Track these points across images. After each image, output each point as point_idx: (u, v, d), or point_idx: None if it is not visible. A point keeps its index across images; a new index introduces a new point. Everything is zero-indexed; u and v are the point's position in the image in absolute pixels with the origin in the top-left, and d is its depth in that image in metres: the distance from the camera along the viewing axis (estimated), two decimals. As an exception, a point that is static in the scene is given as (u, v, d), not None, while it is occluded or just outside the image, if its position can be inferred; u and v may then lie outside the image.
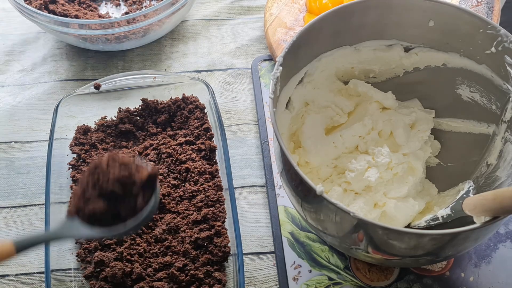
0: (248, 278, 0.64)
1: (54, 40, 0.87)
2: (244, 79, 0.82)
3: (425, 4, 0.59)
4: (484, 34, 0.57)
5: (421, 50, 0.64)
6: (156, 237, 0.64)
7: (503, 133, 0.60)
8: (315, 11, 0.82)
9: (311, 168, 0.65)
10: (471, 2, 0.80)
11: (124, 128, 0.73)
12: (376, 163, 0.62)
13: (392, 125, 0.66)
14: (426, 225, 0.60)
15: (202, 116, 0.73)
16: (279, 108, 0.60)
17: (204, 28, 0.89)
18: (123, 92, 0.74)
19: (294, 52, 0.57)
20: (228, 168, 0.66)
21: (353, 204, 0.61)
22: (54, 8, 0.81)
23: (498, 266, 0.63)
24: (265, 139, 0.74)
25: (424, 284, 0.62)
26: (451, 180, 0.65)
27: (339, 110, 0.67)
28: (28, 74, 0.83)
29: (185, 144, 0.71)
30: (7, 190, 0.72)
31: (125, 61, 0.84)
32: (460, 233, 0.47)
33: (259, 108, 0.77)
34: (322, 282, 0.63)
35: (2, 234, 0.68)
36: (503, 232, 0.65)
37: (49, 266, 0.59)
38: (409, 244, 0.49)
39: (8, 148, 0.75)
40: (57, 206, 0.65)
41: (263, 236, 0.67)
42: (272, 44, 0.81)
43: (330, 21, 0.60)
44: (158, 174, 0.65)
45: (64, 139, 0.71)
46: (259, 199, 0.70)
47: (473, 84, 0.63)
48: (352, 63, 0.66)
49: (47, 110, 0.79)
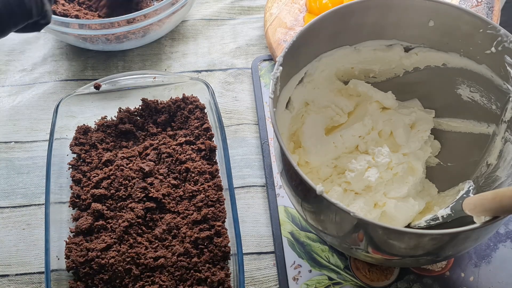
0: (248, 278, 0.64)
1: (54, 40, 0.87)
2: (244, 79, 0.82)
3: (425, 4, 0.59)
4: (484, 34, 0.57)
5: (421, 50, 0.64)
6: (156, 237, 0.64)
7: (503, 133, 0.60)
8: (315, 11, 0.82)
9: (311, 168, 0.65)
10: (471, 2, 0.80)
11: (124, 128, 0.73)
12: (376, 163, 0.62)
13: (392, 125, 0.66)
14: (426, 225, 0.60)
15: (202, 116, 0.73)
16: (279, 108, 0.60)
17: (204, 28, 0.89)
18: (123, 92, 0.74)
19: (294, 52, 0.57)
20: (228, 168, 0.66)
21: (353, 204, 0.61)
22: (54, 8, 0.81)
23: (498, 266, 0.63)
24: (265, 139, 0.74)
25: (424, 284, 0.62)
26: (451, 180, 0.65)
27: (339, 110, 0.67)
28: (28, 74, 0.83)
29: (185, 144, 0.71)
30: (7, 190, 0.72)
31: (125, 61, 0.84)
32: (460, 233, 0.47)
33: (259, 108, 0.77)
34: (322, 282, 0.63)
35: (2, 234, 0.68)
36: (503, 232, 0.65)
37: (49, 266, 0.59)
38: (409, 244, 0.49)
39: (8, 148, 0.75)
40: (57, 206, 0.65)
41: (263, 236, 0.67)
42: (272, 44, 0.81)
43: (330, 21, 0.60)
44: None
45: (64, 139, 0.71)
46: (259, 199, 0.70)
47: (473, 84, 0.63)
48: (352, 63, 0.66)
49: (47, 110, 0.79)
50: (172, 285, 0.61)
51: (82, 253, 0.62)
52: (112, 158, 0.70)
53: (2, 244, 0.67)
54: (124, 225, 0.63)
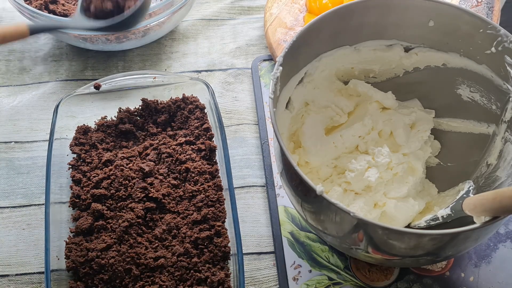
0: (248, 278, 0.64)
1: (54, 40, 0.87)
2: (244, 79, 0.82)
3: (425, 4, 0.59)
4: (484, 34, 0.57)
5: (421, 50, 0.64)
6: (156, 237, 0.64)
7: (503, 133, 0.60)
8: (315, 11, 0.82)
9: (311, 168, 0.65)
10: (471, 2, 0.80)
11: (124, 128, 0.73)
12: (376, 163, 0.62)
13: (392, 125, 0.66)
14: (426, 225, 0.60)
15: (202, 116, 0.73)
16: (279, 108, 0.60)
17: (204, 28, 0.89)
18: (123, 92, 0.74)
19: (294, 52, 0.57)
20: (228, 168, 0.66)
21: (353, 204, 0.61)
22: (54, 8, 0.81)
23: (498, 266, 0.63)
24: (265, 139, 0.74)
25: (424, 284, 0.62)
26: (451, 180, 0.65)
27: (339, 110, 0.67)
28: (28, 74, 0.83)
29: (185, 144, 0.71)
30: (7, 190, 0.72)
31: (125, 61, 0.84)
32: (460, 233, 0.47)
33: (259, 108, 0.77)
34: (322, 282, 0.63)
35: (2, 234, 0.68)
36: (503, 232, 0.65)
37: (49, 266, 0.59)
38: (409, 244, 0.49)
39: (8, 148, 0.75)
40: (57, 206, 0.65)
41: (263, 236, 0.67)
42: (272, 44, 0.81)
43: (330, 21, 0.60)
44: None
45: (64, 139, 0.71)
46: (259, 199, 0.70)
47: (473, 84, 0.63)
48: (352, 63, 0.66)
49: (47, 110, 0.79)
50: (172, 285, 0.61)
51: (82, 253, 0.62)
52: (112, 158, 0.70)
53: (2, 244, 0.67)
54: (124, 225, 0.63)
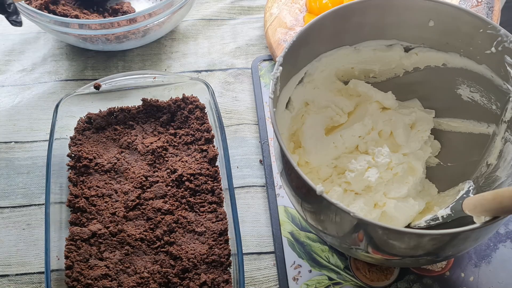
0: (248, 278, 0.64)
1: (54, 40, 0.87)
2: (244, 79, 0.82)
3: (425, 4, 0.59)
4: (484, 34, 0.57)
5: (421, 50, 0.64)
6: (156, 237, 0.64)
7: (503, 133, 0.60)
8: (315, 11, 0.82)
9: (311, 168, 0.65)
10: (471, 2, 0.80)
11: (124, 128, 0.73)
12: (376, 163, 0.62)
13: (392, 125, 0.66)
14: (426, 225, 0.60)
15: (202, 116, 0.73)
16: (279, 108, 0.60)
17: (204, 28, 0.89)
18: (123, 92, 0.74)
19: (294, 52, 0.57)
20: (228, 168, 0.66)
21: (353, 204, 0.61)
22: (54, 8, 0.81)
23: (498, 266, 0.63)
24: (265, 139, 0.74)
25: (424, 284, 0.63)
26: (451, 180, 0.65)
27: (339, 110, 0.67)
28: (28, 74, 0.83)
29: (185, 144, 0.71)
30: (7, 190, 0.72)
31: (125, 61, 0.84)
32: (460, 233, 0.47)
33: (259, 108, 0.77)
34: (322, 282, 0.63)
35: (2, 234, 0.68)
36: (503, 232, 0.65)
37: (49, 266, 0.59)
38: (409, 244, 0.49)
39: (8, 148, 0.75)
40: (57, 206, 0.65)
41: (263, 236, 0.67)
42: (272, 44, 0.81)
43: (330, 21, 0.60)
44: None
45: (64, 139, 0.71)
46: (259, 199, 0.70)
47: (473, 84, 0.63)
48: (352, 63, 0.66)
49: (47, 110, 0.79)
50: (172, 286, 0.61)
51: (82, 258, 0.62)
52: (113, 160, 0.70)
53: (2, 244, 0.67)
54: (122, 221, 0.63)
